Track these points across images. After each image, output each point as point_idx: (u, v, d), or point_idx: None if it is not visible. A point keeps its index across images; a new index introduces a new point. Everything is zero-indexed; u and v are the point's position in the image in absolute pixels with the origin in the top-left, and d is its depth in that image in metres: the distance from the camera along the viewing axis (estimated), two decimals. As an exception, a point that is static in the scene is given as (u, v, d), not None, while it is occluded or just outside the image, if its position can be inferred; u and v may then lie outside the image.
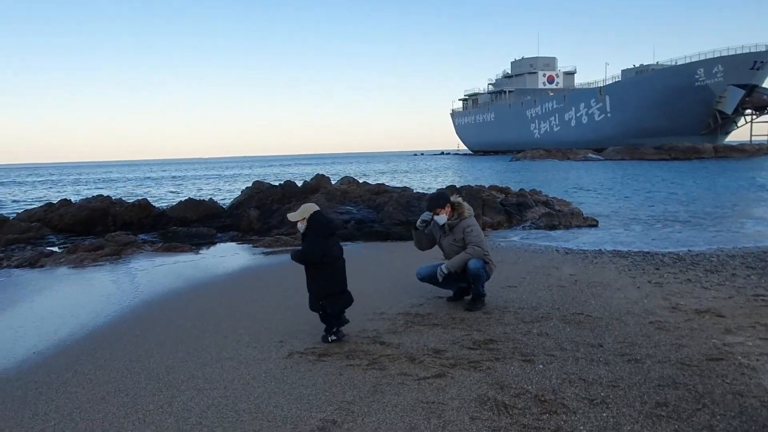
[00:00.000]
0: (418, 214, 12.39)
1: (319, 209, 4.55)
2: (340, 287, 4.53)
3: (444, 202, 5.48)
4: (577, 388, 3.45)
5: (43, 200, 22.22)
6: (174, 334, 5.00)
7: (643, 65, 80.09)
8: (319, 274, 4.45)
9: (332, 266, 4.46)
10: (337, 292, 4.50)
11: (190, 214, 13.66)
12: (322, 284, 4.45)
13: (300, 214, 4.46)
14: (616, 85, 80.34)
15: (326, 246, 4.41)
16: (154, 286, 7.21)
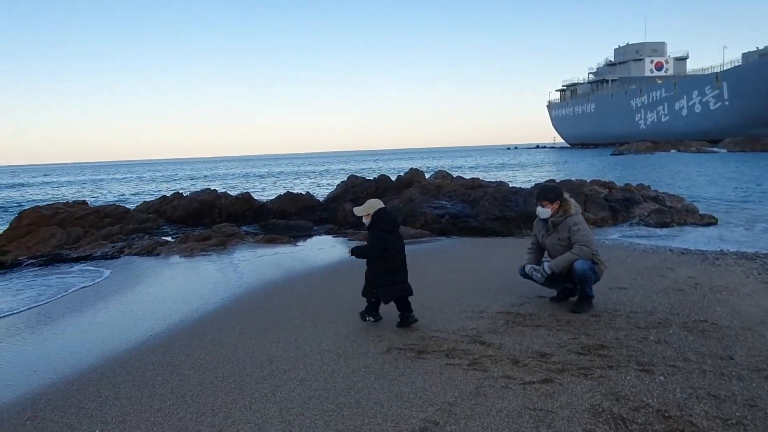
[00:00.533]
0: (515, 209, 12.05)
1: (384, 206, 4.87)
2: (397, 279, 4.79)
3: (554, 196, 5.18)
4: (706, 404, 3.09)
5: (159, 193, 24.05)
6: (275, 323, 5.14)
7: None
8: (379, 266, 4.76)
9: (392, 260, 4.74)
10: (394, 283, 4.78)
11: (288, 207, 14.16)
12: (379, 275, 4.76)
13: (365, 209, 4.84)
14: (735, 70, 73.19)
15: (388, 240, 4.70)
16: (256, 275, 7.50)
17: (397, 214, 12.03)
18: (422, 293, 5.99)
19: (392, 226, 4.83)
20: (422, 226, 11.36)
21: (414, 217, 11.76)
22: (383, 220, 4.78)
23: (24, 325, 5.65)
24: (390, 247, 4.72)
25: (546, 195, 5.23)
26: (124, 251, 10.35)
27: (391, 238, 4.76)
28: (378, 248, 4.69)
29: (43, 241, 11.18)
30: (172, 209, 14.93)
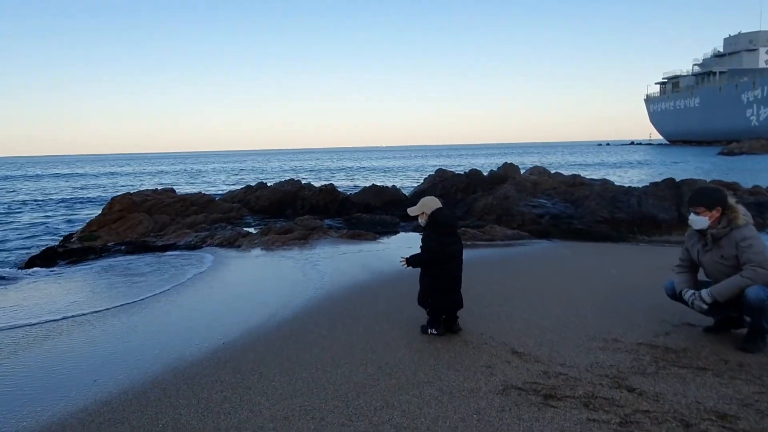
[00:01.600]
0: (627, 210, 10.63)
1: (441, 206, 4.38)
2: (451, 286, 4.34)
3: (714, 201, 4.01)
4: None
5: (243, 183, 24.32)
6: (362, 338, 4.39)
7: None
8: (434, 270, 4.30)
9: (448, 265, 4.30)
10: (449, 291, 4.34)
11: (373, 201, 13.51)
12: (434, 281, 4.30)
13: (419, 208, 4.40)
14: None
15: (445, 243, 4.25)
16: (338, 276, 6.82)
17: (491, 212, 11.02)
18: (534, 308, 5.04)
19: (451, 228, 4.39)
20: (519, 226, 10.27)
21: (510, 216, 10.68)
22: (440, 221, 4.30)
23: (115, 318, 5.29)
24: (447, 250, 4.26)
25: (701, 199, 4.07)
26: (206, 241, 10.11)
27: (449, 241, 4.30)
28: (434, 251, 4.23)
29: (131, 228, 11.22)
30: (256, 199, 14.75)
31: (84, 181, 40.14)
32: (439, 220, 4.28)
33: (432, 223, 4.30)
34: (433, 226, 4.29)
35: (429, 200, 4.41)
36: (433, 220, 4.29)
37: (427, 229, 4.32)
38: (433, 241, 4.24)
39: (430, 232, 4.28)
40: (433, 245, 4.23)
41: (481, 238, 9.47)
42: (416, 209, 4.42)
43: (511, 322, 4.68)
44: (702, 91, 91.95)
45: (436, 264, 4.25)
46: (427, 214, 4.33)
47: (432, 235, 4.26)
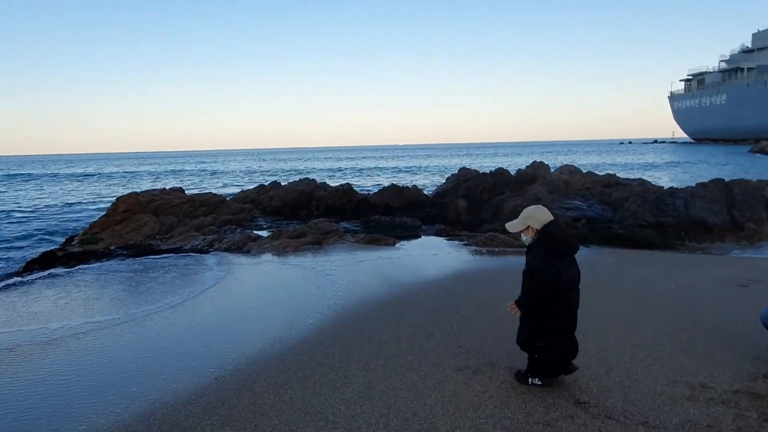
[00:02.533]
0: (673, 215, 9.64)
1: (553, 218, 3.35)
2: (569, 327, 3.31)
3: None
4: None
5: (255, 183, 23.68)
6: (383, 376, 3.58)
7: None
8: (548, 304, 3.23)
9: (566, 297, 3.24)
10: (566, 333, 3.30)
11: (392, 202, 12.70)
12: (548, 319, 3.24)
13: (523, 221, 3.37)
14: None
15: (561, 269, 3.19)
16: (355, 289, 6.03)
17: (522, 215, 10.10)
18: (590, 336, 4.19)
19: (568, 248, 3.29)
20: (552, 231, 9.36)
21: (542, 219, 9.77)
22: (555, 239, 3.24)
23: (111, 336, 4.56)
24: (563, 279, 3.17)
25: None
26: (213, 245, 9.41)
27: (564, 265, 3.21)
28: (550, 280, 3.14)
29: (135, 230, 10.56)
30: (269, 199, 14.06)
31: (109, 181, 39.92)
32: (555, 236, 3.24)
33: (543, 240, 3.25)
34: (545, 244, 3.24)
35: (536, 211, 3.37)
36: (544, 236, 3.25)
37: (537, 248, 3.28)
38: (547, 267, 3.17)
39: (542, 253, 3.22)
40: (549, 272, 3.16)
41: (512, 245, 8.61)
42: (518, 223, 3.38)
43: (562, 355, 3.82)
44: (729, 87, 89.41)
45: (551, 296, 3.20)
46: (535, 230, 3.30)
47: (545, 258, 3.20)
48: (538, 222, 3.28)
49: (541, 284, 3.15)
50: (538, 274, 3.17)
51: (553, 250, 3.21)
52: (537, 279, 3.17)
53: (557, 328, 3.23)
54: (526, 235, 3.34)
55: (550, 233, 3.24)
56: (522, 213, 3.40)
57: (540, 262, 3.19)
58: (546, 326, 3.22)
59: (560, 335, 3.24)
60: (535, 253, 3.26)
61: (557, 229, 3.29)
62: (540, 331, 3.24)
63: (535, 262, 3.22)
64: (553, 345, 3.23)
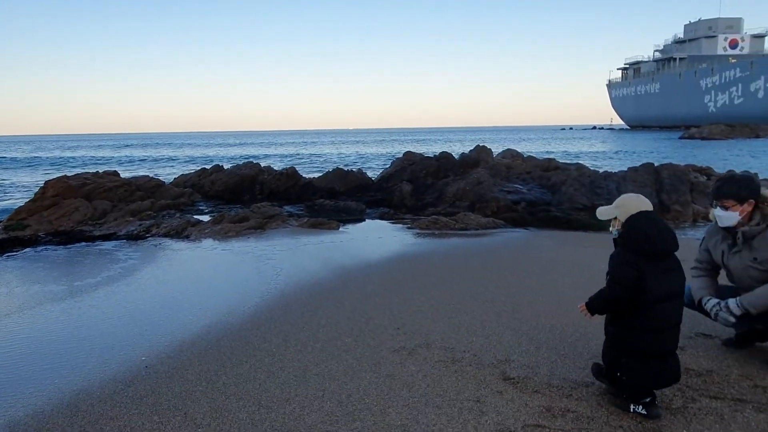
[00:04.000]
0: (607, 197, 10.05)
1: (647, 209, 2.75)
2: (663, 346, 2.68)
3: (747, 193, 3.32)
4: None
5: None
6: (320, 359, 3.57)
7: None
8: (629, 313, 2.69)
9: (658, 307, 2.63)
10: (657, 354, 2.67)
11: (337, 186, 12.62)
12: (630, 332, 2.68)
13: (611, 210, 2.85)
14: (824, 48, 66.75)
15: (646, 273, 2.61)
16: (296, 273, 5.97)
17: (464, 198, 10.29)
18: (523, 315, 4.31)
19: (655, 248, 2.65)
20: (493, 213, 9.59)
21: (484, 202, 9.98)
22: (643, 234, 2.64)
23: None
24: (649, 287, 2.60)
25: (733, 191, 3.34)
26: (151, 231, 9.08)
27: (658, 269, 2.64)
28: (626, 284, 2.62)
29: (66, 216, 10.04)
30: (210, 183, 13.68)
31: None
32: (642, 232, 2.64)
33: (627, 236, 2.72)
34: (627, 241, 2.71)
35: (627, 199, 2.82)
36: (629, 231, 2.70)
37: (620, 245, 2.80)
38: (624, 269, 2.65)
39: (622, 251, 2.75)
40: (624, 275, 2.64)
41: (454, 227, 8.75)
42: (608, 210, 2.89)
43: (498, 335, 3.94)
44: (662, 77, 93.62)
45: (631, 304, 2.67)
46: (620, 221, 2.78)
47: (624, 258, 2.70)
48: (625, 212, 2.77)
49: (613, 288, 2.69)
50: (611, 276, 2.72)
51: (638, 249, 2.66)
52: (609, 281, 2.73)
53: (645, 345, 2.66)
54: (614, 226, 2.87)
55: (636, 227, 2.68)
56: (617, 200, 2.90)
57: (617, 264, 2.72)
58: (630, 343, 2.69)
59: (650, 355, 2.66)
60: (616, 252, 2.82)
61: (648, 224, 2.67)
62: (623, 348, 2.73)
63: (612, 263, 2.76)
64: (640, 369, 2.67)
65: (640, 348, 2.66)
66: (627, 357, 2.68)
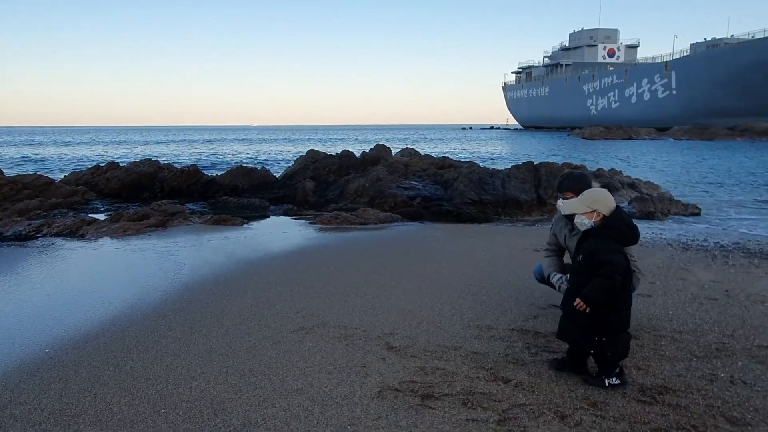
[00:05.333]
0: (492, 193, 11.05)
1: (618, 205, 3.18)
2: (627, 322, 3.12)
3: (582, 187, 4.09)
4: None
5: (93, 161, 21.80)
6: (224, 341, 3.90)
7: (716, 39, 74.40)
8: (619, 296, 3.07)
9: (626, 288, 3.09)
10: (627, 327, 3.12)
11: (241, 183, 12.69)
12: (618, 314, 3.07)
13: (585, 204, 3.14)
14: (684, 60, 75.07)
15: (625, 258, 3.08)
16: (200, 267, 6.17)
17: (364, 194, 10.85)
18: (410, 296, 4.91)
19: (635, 237, 3.16)
20: (392, 208, 10.22)
21: (382, 198, 10.59)
22: (628, 225, 3.10)
23: None
24: (629, 269, 3.08)
25: (570, 185, 4.13)
26: (41, 230, 8.73)
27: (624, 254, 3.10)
28: (622, 272, 2.97)
29: (-59, 216, 9.35)
30: (106, 181, 13.20)
31: None
32: (625, 223, 3.08)
33: (613, 227, 3.06)
34: (614, 232, 3.05)
35: (604, 195, 3.14)
36: (615, 223, 3.07)
37: (600, 237, 3.08)
38: (620, 258, 2.99)
39: (611, 242, 3.04)
40: (622, 264, 2.97)
41: (354, 222, 9.26)
42: (579, 205, 3.16)
43: (386, 314, 4.47)
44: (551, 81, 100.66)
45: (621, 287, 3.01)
46: (603, 214, 3.09)
47: (616, 248, 3.03)
48: (607, 207, 3.10)
49: (616, 277, 2.94)
50: (612, 266, 2.94)
51: (623, 238, 3.06)
52: (610, 271, 2.93)
53: (624, 324, 3.07)
54: (589, 219, 3.13)
55: (621, 219, 3.08)
56: (584, 195, 3.21)
57: (612, 253, 2.99)
58: (613, 320, 3.04)
59: (625, 330, 3.08)
60: (601, 242, 3.05)
61: (628, 216, 3.15)
62: (606, 326, 3.03)
63: (607, 253, 2.98)
64: (618, 340, 3.04)
65: (622, 325, 3.05)
66: (611, 335, 3.01)
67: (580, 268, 3.11)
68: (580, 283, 3.07)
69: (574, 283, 3.18)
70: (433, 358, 3.55)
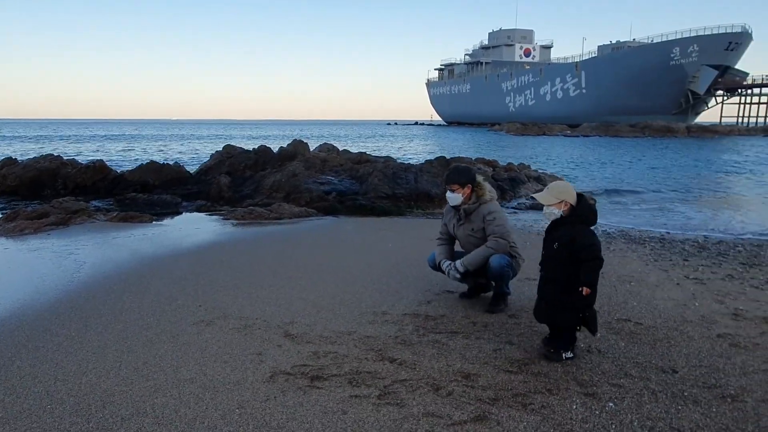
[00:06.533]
0: (406, 187, 11.40)
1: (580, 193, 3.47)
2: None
3: (466, 179, 4.43)
4: (676, 445, 2.52)
5: None
6: (120, 337, 3.89)
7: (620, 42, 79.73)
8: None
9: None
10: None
11: (151, 179, 12.30)
12: (594, 292, 3.36)
13: (554, 196, 3.40)
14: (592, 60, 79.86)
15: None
16: (102, 265, 6.02)
17: (280, 189, 10.88)
18: (314, 286, 5.09)
19: (595, 219, 3.48)
20: (307, 203, 10.32)
21: (298, 193, 10.66)
22: (594, 211, 3.45)
23: None
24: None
25: (456, 178, 4.47)
26: (-76, 231, 8.10)
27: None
28: (601, 250, 3.32)
29: None
30: (1, 178, 12.36)
31: None
32: (592, 210, 3.41)
33: (581, 214, 3.36)
34: (584, 218, 3.37)
35: (568, 186, 3.48)
36: (583, 210, 3.37)
37: (574, 224, 3.35)
38: (597, 240, 3.32)
39: (585, 227, 3.36)
40: (600, 244, 3.32)
41: (269, 217, 9.29)
42: (550, 197, 3.42)
43: (288, 304, 4.61)
44: (472, 79, 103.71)
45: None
46: (570, 204, 3.38)
47: (591, 232, 3.36)
48: (573, 197, 3.39)
49: (600, 258, 3.27)
50: (594, 247, 3.26)
51: (593, 222, 3.42)
52: (595, 251, 3.24)
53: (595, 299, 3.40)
54: (558, 209, 3.40)
55: (589, 206, 3.41)
56: (551, 187, 3.49)
57: (590, 237, 3.30)
58: (593, 298, 3.36)
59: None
60: (576, 229, 3.33)
61: (588, 202, 3.47)
62: (589, 304, 3.34)
63: (585, 237, 3.29)
64: (594, 314, 3.36)
65: (594, 300, 3.39)
66: (590, 310, 3.33)
67: (557, 254, 3.38)
68: (557, 268, 3.37)
69: (550, 269, 3.45)
70: (327, 343, 3.74)
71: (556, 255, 3.37)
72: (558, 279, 3.37)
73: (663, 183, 16.73)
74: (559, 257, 3.36)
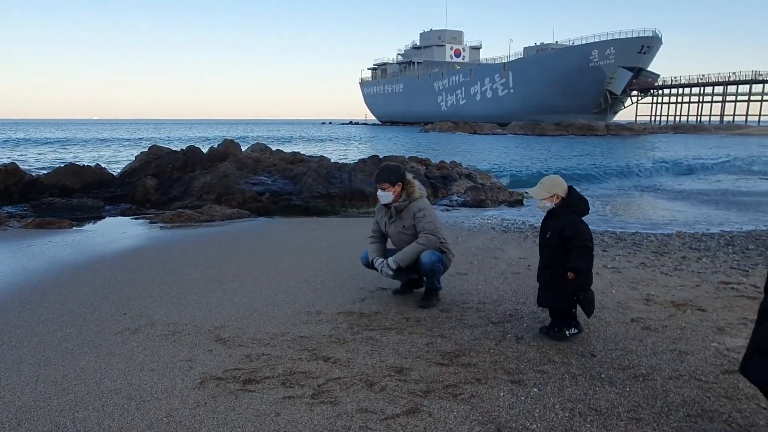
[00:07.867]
0: (340, 186, 11.40)
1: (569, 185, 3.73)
2: (591, 280, 3.70)
3: (396, 177, 4.50)
4: (593, 425, 2.68)
5: None
6: (36, 351, 3.67)
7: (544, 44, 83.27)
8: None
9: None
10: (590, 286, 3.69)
11: (71, 182, 11.62)
12: (588, 274, 3.61)
13: (546, 190, 3.64)
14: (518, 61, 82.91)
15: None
16: (15, 275, 5.63)
17: (211, 191, 10.60)
18: (247, 289, 5.02)
19: (587, 209, 3.69)
20: (239, 204, 10.12)
21: (230, 194, 10.42)
22: (584, 201, 3.66)
23: None
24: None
25: (386, 177, 4.54)
26: None
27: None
28: (590, 238, 3.53)
29: None
30: None
31: None
32: (583, 201, 3.64)
33: (572, 205, 3.60)
34: (576, 209, 3.60)
35: (558, 180, 3.68)
36: (574, 201, 3.61)
37: (566, 215, 3.58)
38: (588, 229, 3.54)
39: (576, 217, 3.58)
40: (588, 232, 3.53)
41: (199, 219, 9.02)
42: (542, 191, 3.64)
43: (219, 307, 4.51)
44: (405, 78, 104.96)
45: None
46: (561, 197, 3.61)
47: (581, 221, 3.58)
48: (563, 190, 3.64)
49: (591, 246, 3.51)
50: (582, 235, 3.49)
51: (581, 211, 3.62)
52: (584, 240, 3.48)
53: (591, 279, 3.66)
54: (550, 202, 3.65)
55: (579, 197, 3.64)
56: (543, 182, 3.69)
57: (579, 225, 3.54)
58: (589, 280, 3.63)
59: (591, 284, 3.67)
60: (567, 219, 3.56)
61: (578, 193, 3.68)
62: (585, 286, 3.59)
63: (574, 226, 3.52)
64: (592, 296, 3.66)
65: (589, 283, 3.63)
66: (585, 293, 3.58)
67: (550, 242, 3.64)
68: (550, 255, 3.64)
69: (545, 255, 3.72)
70: (260, 345, 3.70)
71: (549, 243, 3.65)
72: (551, 265, 3.64)
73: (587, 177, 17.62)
74: (551, 245, 3.63)
